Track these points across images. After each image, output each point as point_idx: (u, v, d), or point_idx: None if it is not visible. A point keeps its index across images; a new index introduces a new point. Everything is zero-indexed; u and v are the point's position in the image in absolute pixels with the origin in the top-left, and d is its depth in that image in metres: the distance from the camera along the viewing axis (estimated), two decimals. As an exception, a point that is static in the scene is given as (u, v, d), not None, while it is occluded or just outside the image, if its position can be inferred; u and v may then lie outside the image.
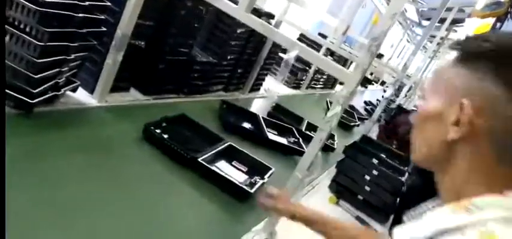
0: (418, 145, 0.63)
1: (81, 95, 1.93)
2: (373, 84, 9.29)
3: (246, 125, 2.67)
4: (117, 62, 1.93)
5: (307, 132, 3.05)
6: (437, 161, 0.60)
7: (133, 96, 2.30)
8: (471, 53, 0.57)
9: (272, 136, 2.68)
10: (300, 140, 2.76)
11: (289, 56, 1.49)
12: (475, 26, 3.64)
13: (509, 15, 2.70)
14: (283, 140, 2.69)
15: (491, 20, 2.94)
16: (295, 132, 2.86)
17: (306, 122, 3.26)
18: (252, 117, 2.77)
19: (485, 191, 0.54)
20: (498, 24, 2.81)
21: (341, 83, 2.15)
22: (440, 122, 0.57)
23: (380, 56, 7.00)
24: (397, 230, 0.61)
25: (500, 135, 0.53)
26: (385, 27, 1.39)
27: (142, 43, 2.10)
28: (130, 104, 2.21)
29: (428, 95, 0.61)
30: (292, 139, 2.77)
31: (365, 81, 8.61)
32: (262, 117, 2.76)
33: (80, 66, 1.83)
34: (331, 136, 2.88)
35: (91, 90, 1.98)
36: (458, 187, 0.57)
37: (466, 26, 4.34)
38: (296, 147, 2.65)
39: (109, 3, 1.71)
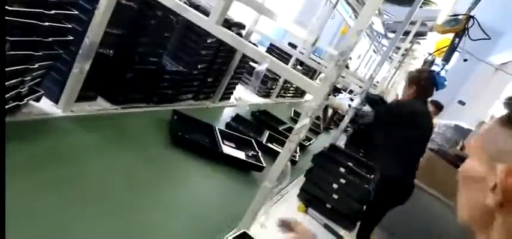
0: (460, 205, 0.58)
1: (45, 105, 1.87)
2: (342, 92, 9.49)
3: (199, 138, 2.43)
4: (85, 71, 1.89)
5: (269, 144, 2.95)
6: (479, 226, 0.55)
7: (101, 105, 2.26)
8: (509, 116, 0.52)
9: (228, 149, 2.46)
10: (259, 153, 2.58)
11: (260, 68, 1.51)
12: (437, 40, 3.82)
13: (466, 32, 2.87)
14: (240, 154, 2.49)
15: (451, 35, 3.11)
16: (255, 145, 2.68)
17: (268, 133, 3.10)
18: (207, 129, 2.55)
19: None
20: (456, 40, 2.98)
21: (310, 92, 2.17)
22: (484, 186, 0.52)
23: (346, 66, 7.20)
24: None
25: None
26: (352, 43, 1.44)
27: (111, 52, 2.07)
28: (98, 114, 2.16)
29: (473, 154, 0.56)
30: (250, 153, 2.59)
31: (334, 90, 8.79)
32: (219, 129, 2.58)
33: (45, 76, 1.78)
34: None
35: (56, 100, 1.92)
36: None
37: (428, 39, 4.56)
38: (254, 162, 2.46)
39: (76, 12, 1.68)
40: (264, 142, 2.94)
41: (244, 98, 3.97)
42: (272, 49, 4.86)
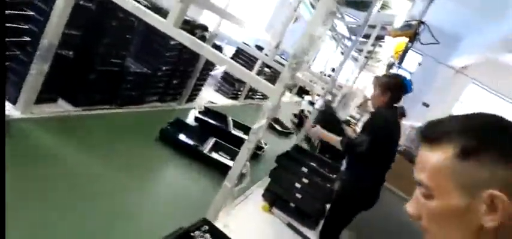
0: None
1: (2, 107, 1.84)
2: (309, 95, 9.65)
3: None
4: (43, 72, 1.87)
5: (213, 153, 2.51)
6: None
7: (62, 107, 2.23)
8: (470, 149, 0.62)
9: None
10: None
11: (216, 73, 1.56)
12: (394, 44, 3.99)
13: (417, 36, 3.02)
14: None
15: (406, 39, 3.26)
16: None
17: (214, 140, 2.61)
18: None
19: None
20: (410, 44, 3.13)
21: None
22: (465, 216, 0.63)
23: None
24: None
25: None
26: (305, 46, 1.51)
27: (71, 53, 2.05)
28: (59, 116, 2.14)
29: (440, 193, 0.65)
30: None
31: (301, 92, 8.94)
32: None
33: (0, 77, 1.75)
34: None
35: (14, 102, 1.89)
36: None
37: (387, 42, 4.75)
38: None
39: (32, 13, 1.66)
40: (205, 152, 2.45)
41: (208, 99, 3.96)
42: (239, 52, 4.91)
